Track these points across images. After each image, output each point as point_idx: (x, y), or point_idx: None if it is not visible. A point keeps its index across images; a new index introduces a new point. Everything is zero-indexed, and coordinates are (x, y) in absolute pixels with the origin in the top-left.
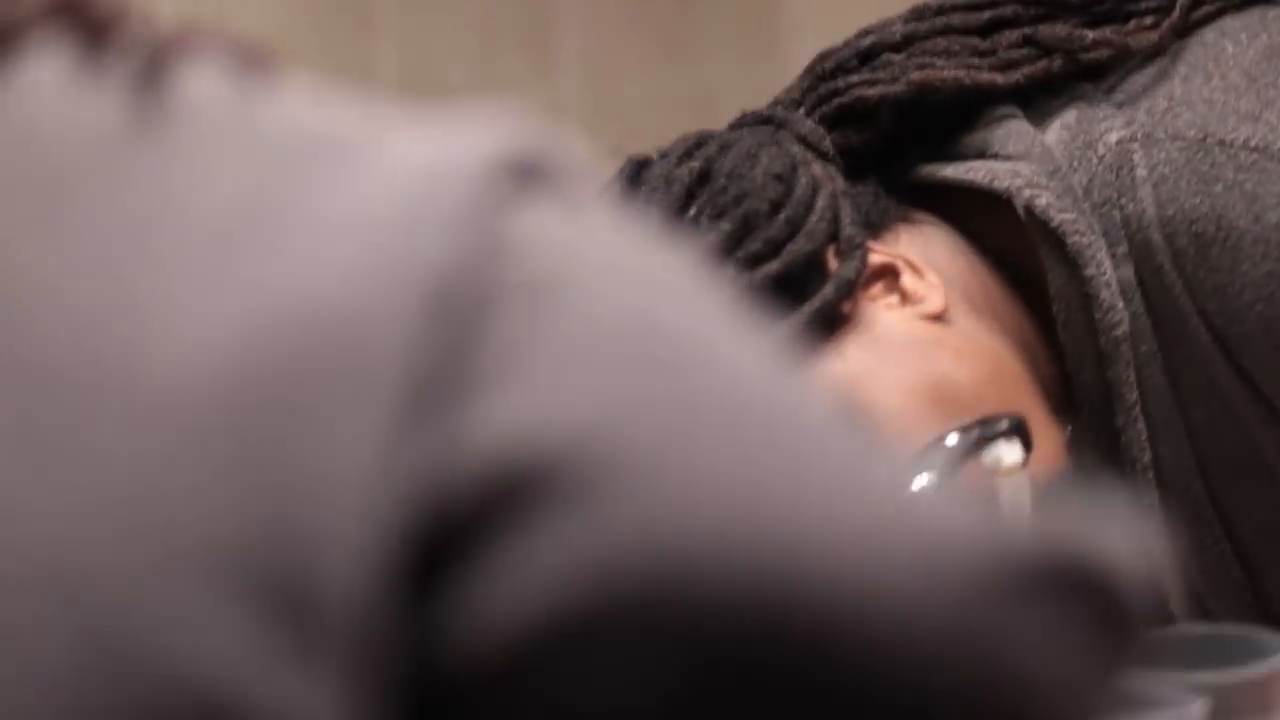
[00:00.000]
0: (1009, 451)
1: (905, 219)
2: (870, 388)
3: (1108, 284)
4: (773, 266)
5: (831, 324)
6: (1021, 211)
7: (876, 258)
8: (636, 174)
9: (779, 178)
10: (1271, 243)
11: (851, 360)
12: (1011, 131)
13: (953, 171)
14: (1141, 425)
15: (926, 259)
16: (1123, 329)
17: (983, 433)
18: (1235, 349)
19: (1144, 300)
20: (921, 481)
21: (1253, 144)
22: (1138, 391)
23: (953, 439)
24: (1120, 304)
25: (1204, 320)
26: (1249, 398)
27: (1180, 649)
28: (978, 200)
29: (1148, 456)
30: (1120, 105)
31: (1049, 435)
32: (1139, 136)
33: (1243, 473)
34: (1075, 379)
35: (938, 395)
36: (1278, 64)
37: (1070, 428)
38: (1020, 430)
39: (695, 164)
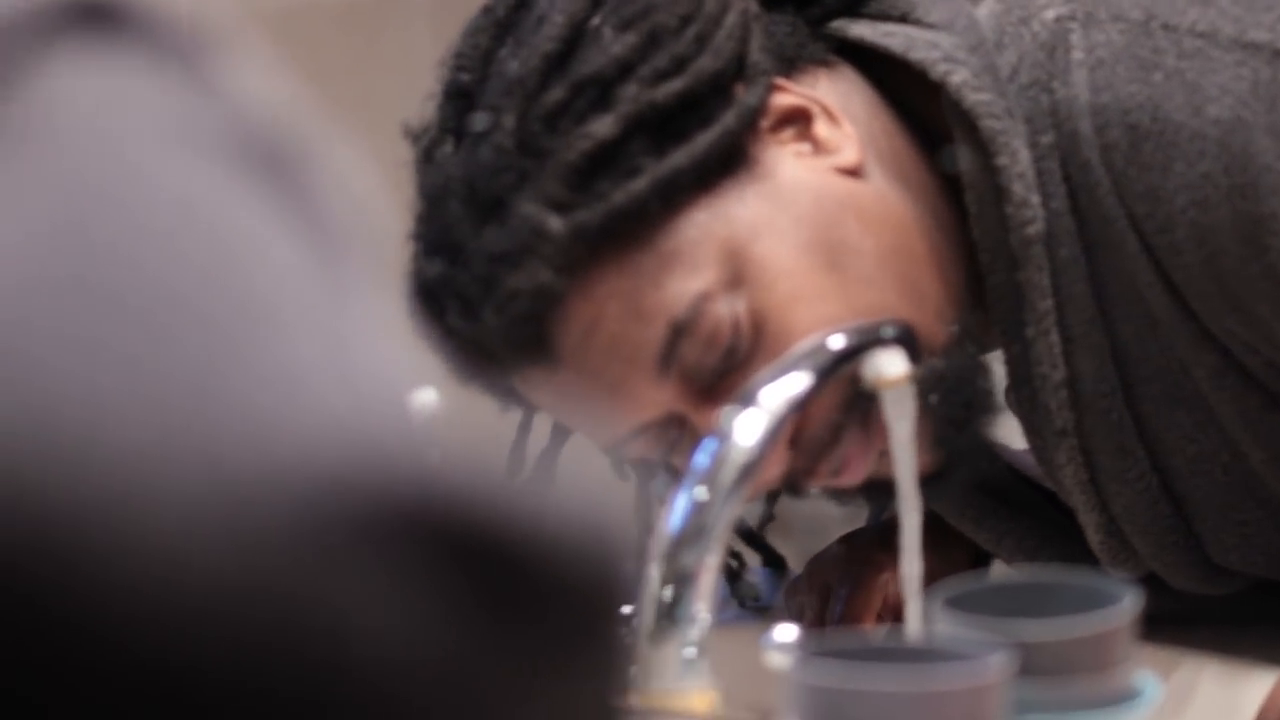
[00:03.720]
0: (891, 362)
1: (825, 63)
2: (764, 240)
3: (1021, 175)
4: (676, 84)
5: (733, 160)
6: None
7: (789, 98)
8: None
9: None
10: (1210, 140)
11: (750, 206)
12: None
13: (870, 33)
14: (1055, 338)
15: (844, 109)
16: (1036, 228)
17: (865, 339)
18: (1165, 258)
19: (1069, 198)
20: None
21: (1200, 29)
22: (1053, 300)
23: (836, 341)
24: (1035, 199)
25: (1132, 225)
26: (1179, 316)
27: (1024, 598)
28: (898, 65)
29: (1061, 374)
30: None
31: (938, 334)
32: (1079, 15)
33: (1172, 400)
34: (988, 279)
35: (833, 261)
36: None
37: (960, 326)
38: (906, 340)
39: None
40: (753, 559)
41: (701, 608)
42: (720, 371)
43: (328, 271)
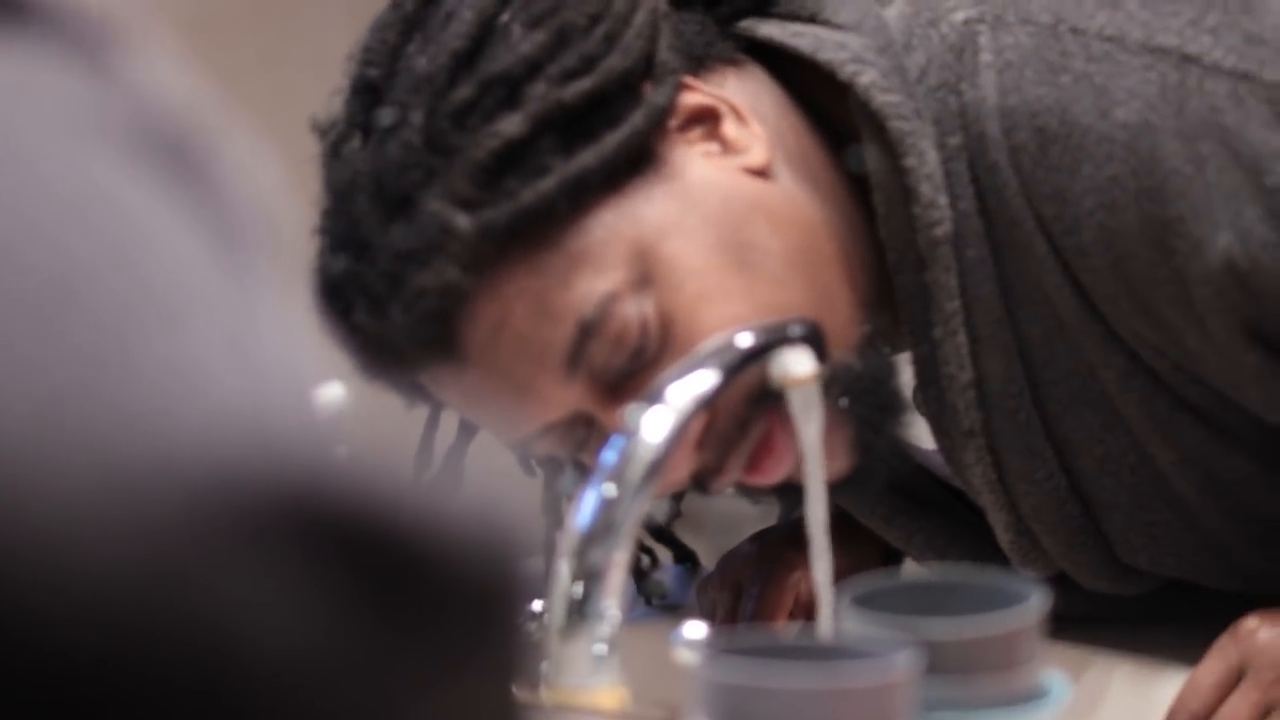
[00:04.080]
0: (798, 361)
1: (734, 62)
2: (672, 240)
3: (929, 176)
4: (585, 84)
5: (641, 159)
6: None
7: (697, 97)
8: None
9: None
10: (1117, 143)
11: (658, 206)
12: None
13: (779, 33)
14: (963, 339)
15: (753, 109)
16: (943, 229)
17: (772, 337)
18: (1072, 260)
19: (977, 199)
20: None
21: (1107, 33)
22: (959, 300)
23: (744, 339)
24: (943, 200)
25: (1040, 226)
26: (1086, 318)
27: (932, 597)
28: (806, 65)
29: (968, 375)
30: None
31: (847, 334)
32: (987, 17)
33: (1080, 401)
34: (895, 280)
35: (741, 261)
36: None
37: (870, 327)
38: (814, 339)
39: None
40: (665, 556)
41: (611, 604)
42: (628, 372)
43: (230, 263)
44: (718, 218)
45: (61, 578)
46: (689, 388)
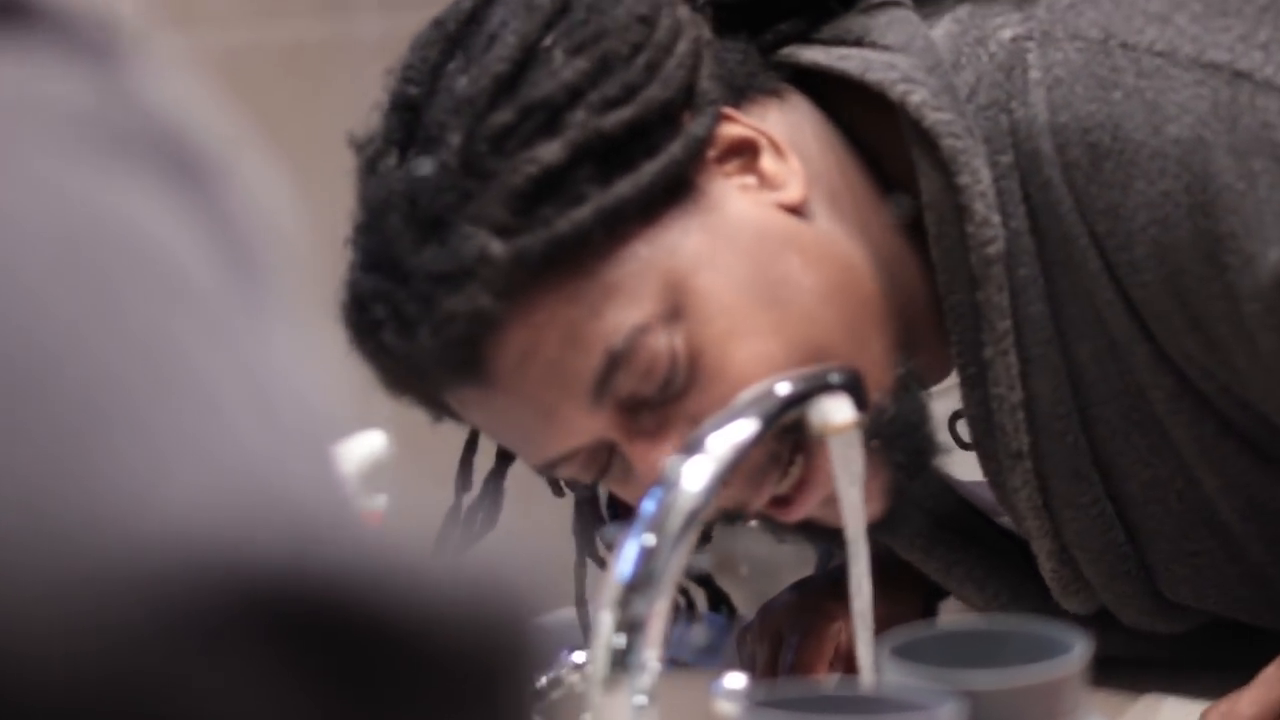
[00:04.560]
0: (838, 409)
1: (776, 94)
2: (705, 274)
3: (983, 194)
4: (625, 113)
5: (677, 190)
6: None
7: (737, 129)
8: None
9: (643, 20)
10: (1170, 158)
11: (692, 239)
12: (894, 19)
13: (824, 57)
14: (1013, 359)
15: (793, 142)
16: (996, 247)
17: (812, 385)
18: (1125, 277)
19: (1029, 218)
20: None
21: (1158, 48)
22: (1011, 320)
23: (783, 387)
24: (996, 218)
25: (1093, 242)
26: (1137, 336)
27: (974, 646)
28: (852, 90)
29: (1019, 395)
30: (1019, 1)
31: (882, 376)
32: (1035, 34)
33: (1129, 423)
34: (946, 300)
35: (773, 298)
36: None
37: (905, 369)
38: (854, 386)
39: None
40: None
41: (651, 655)
42: (655, 403)
43: (240, 291)
44: (751, 253)
45: (33, 681)
46: (728, 436)
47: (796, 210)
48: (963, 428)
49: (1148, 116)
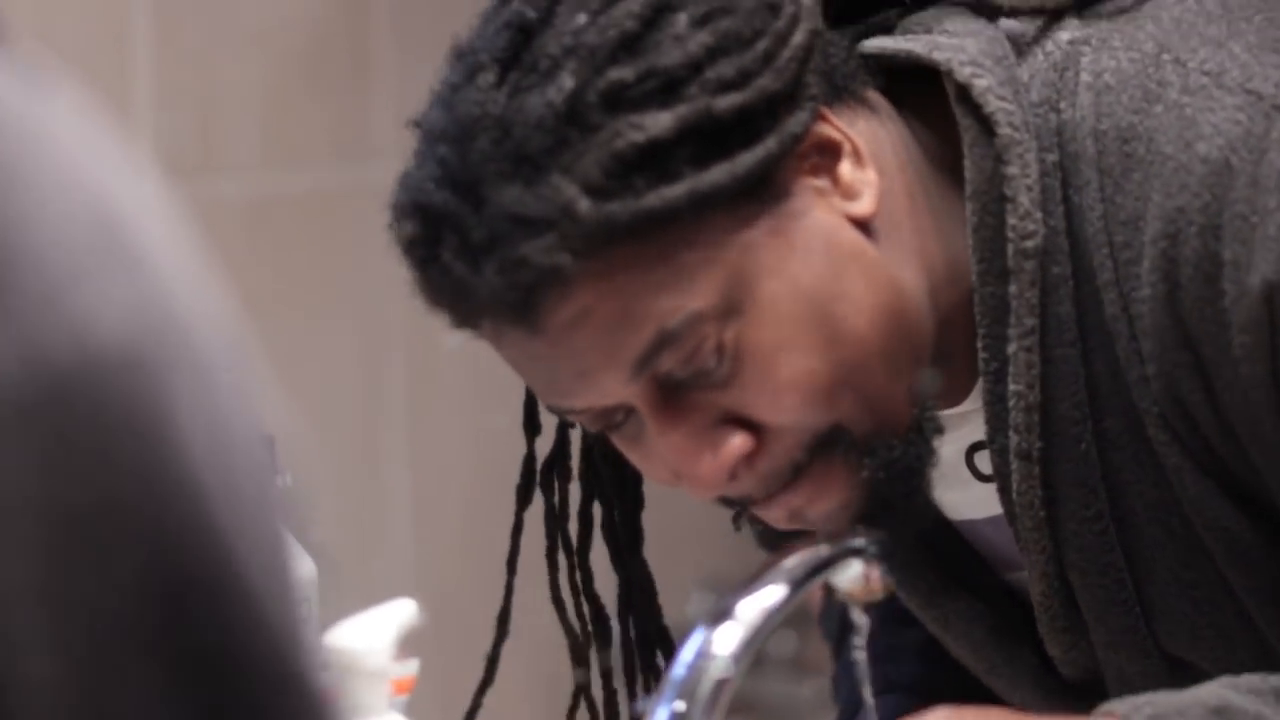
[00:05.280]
0: (866, 575)
1: (867, 102)
2: (770, 279)
3: (1029, 188)
4: (736, 98)
5: (764, 185)
6: (952, 91)
7: (828, 130)
8: None
9: (768, 4)
10: (1193, 175)
11: (766, 239)
12: (964, 13)
13: (891, 43)
14: (1035, 358)
15: (872, 153)
16: (1035, 242)
17: (840, 551)
18: (1130, 291)
19: (1066, 218)
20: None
21: (1207, 68)
22: (1038, 319)
23: (814, 554)
24: (1038, 214)
25: (1110, 254)
26: (1134, 356)
27: None
28: (912, 85)
29: (1035, 396)
30: (1081, 10)
31: (902, 415)
32: (1093, 40)
33: (1137, 441)
34: (978, 292)
35: (828, 316)
36: (1258, 2)
37: (930, 407)
38: (884, 553)
39: None
40: None
41: None
42: (689, 387)
43: None
44: (818, 265)
45: None
46: (757, 603)
47: (864, 224)
48: (981, 461)
49: (1181, 131)
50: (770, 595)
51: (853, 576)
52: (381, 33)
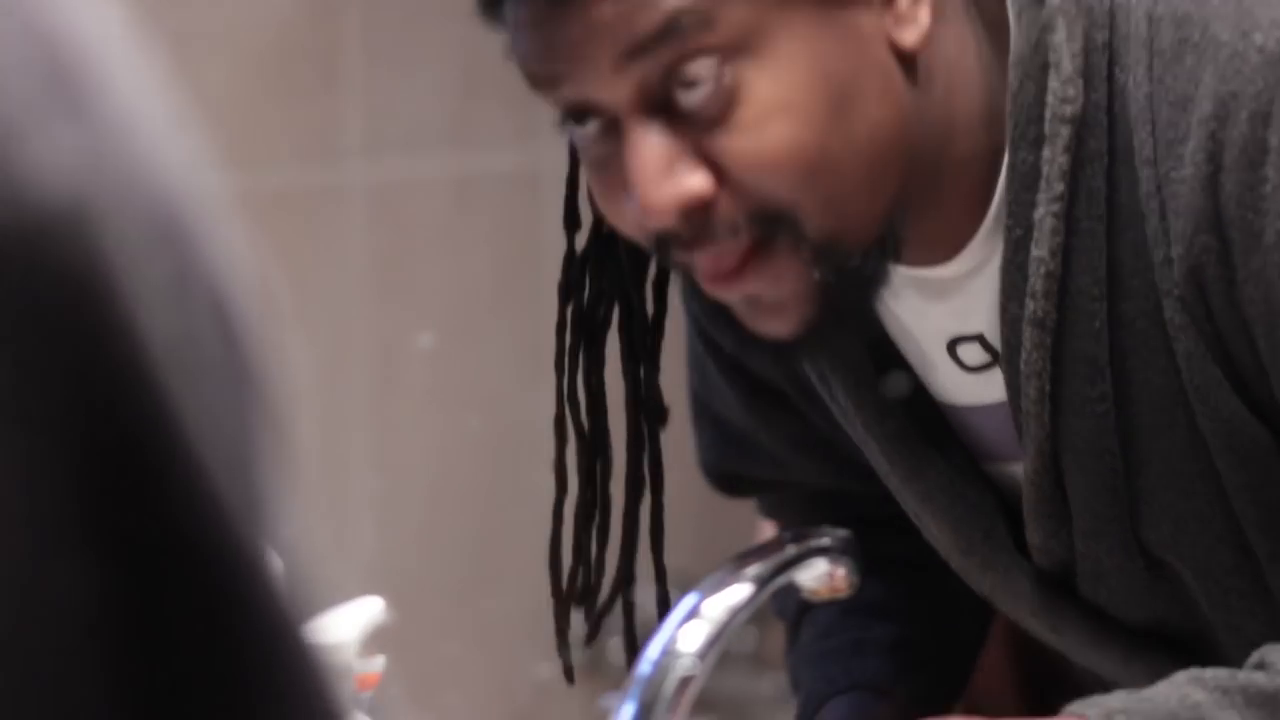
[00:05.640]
0: (831, 574)
1: None
2: (796, 37)
3: (1074, 56)
4: None
5: None
6: None
7: None
8: None
9: None
10: (1249, 64)
11: (808, 10)
12: None
13: None
14: (1061, 225)
15: None
16: (1074, 109)
17: (806, 549)
18: (1169, 171)
19: (1109, 97)
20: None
21: None
22: (1068, 188)
23: (781, 551)
24: (1080, 82)
25: (1152, 132)
26: (1162, 238)
27: None
28: None
29: (1058, 263)
30: None
31: (868, 231)
32: None
33: (1154, 325)
34: (1011, 157)
35: (834, 101)
36: None
37: (895, 229)
38: (848, 550)
39: None
40: None
41: None
42: (675, 118)
43: None
44: (848, 56)
45: None
46: (723, 600)
47: (902, 56)
48: (964, 352)
49: (1238, 21)
50: (735, 594)
51: (818, 574)
52: (350, 34)
